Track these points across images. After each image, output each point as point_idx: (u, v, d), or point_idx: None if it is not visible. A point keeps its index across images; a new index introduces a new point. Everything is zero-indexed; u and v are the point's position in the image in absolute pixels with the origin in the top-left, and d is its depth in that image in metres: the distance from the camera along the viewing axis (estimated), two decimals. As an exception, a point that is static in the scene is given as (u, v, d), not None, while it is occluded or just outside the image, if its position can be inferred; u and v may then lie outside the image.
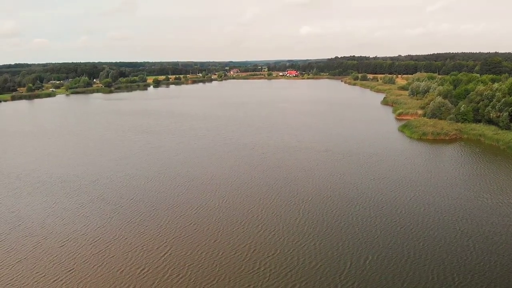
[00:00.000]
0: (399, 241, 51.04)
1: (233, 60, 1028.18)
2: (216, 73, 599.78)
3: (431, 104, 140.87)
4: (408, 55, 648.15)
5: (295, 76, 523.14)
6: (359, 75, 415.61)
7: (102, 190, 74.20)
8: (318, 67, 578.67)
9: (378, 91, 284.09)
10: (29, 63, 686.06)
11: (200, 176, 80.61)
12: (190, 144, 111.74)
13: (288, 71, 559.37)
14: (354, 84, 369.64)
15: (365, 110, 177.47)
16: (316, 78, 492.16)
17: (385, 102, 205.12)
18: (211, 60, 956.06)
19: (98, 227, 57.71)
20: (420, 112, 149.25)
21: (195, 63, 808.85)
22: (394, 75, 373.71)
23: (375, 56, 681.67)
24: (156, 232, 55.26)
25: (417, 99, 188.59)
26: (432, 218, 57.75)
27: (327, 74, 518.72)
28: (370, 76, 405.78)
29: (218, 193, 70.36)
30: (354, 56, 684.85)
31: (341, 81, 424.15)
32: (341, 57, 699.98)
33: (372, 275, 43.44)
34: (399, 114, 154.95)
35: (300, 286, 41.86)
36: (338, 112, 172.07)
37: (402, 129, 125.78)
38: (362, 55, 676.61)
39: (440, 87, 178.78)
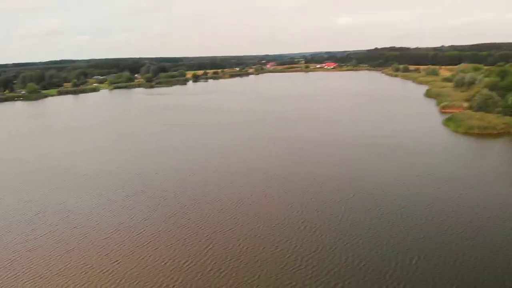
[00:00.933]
0: (447, 241, 48.99)
1: (269, 54, 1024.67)
2: (253, 67, 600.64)
3: (477, 97, 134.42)
4: (452, 45, 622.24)
5: (333, 68, 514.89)
6: (400, 66, 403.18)
7: (146, 183, 75.99)
8: (357, 58, 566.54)
9: (421, 83, 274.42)
10: (73, 59, 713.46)
11: (239, 170, 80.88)
12: (229, 138, 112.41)
13: (327, 63, 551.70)
14: (395, 76, 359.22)
15: (407, 103, 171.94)
16: (355, 70, 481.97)
17: (428, 95, 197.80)
18: (248, 54, 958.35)
19: (143, 219, 59.10)
20: (465, 105, 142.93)
21: (232, 58, 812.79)
22: (437, 67, 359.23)
23: (417, 47, 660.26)
24: (198, 226, 55.91)
25: (462, 91, 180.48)
26: (483, 218, 55.04)
27: (367, 65, 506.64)
28: (412, 67, 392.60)
29: (257, 188, 70.27)
30: (394, 47, 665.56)
31: (382, 72, 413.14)
32: (381, 48, 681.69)
33: (419, 276, 41.98)
34: (444, 107, 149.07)
35: (343, 285, 41.09)
36: (379, 105, 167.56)
37: (446, 122, 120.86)
38: (403, 46, 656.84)
39: (487, 79, 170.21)
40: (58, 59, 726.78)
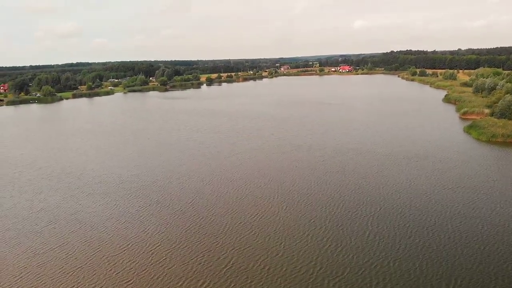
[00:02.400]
0: (484, 262, 45.06)
1: (283, 57, 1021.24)
2: (267, 70, 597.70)
3: (499, 103, 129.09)
4: (469, 48, 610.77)
5: (348, 71, 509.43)
6: (417, 70, 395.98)
7: (161, 192, 73.37)
8: (373, 62, 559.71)
9: (439, 87, 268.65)
10: (89, 62, 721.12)
11: (255, 180, 77.72)
12: (244, 145, 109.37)
13: (341, 67, 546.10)
14: (412, 80, 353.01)
15: (426, 108, 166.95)
16: (371, 74, 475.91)
17: (447, 100, 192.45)
18: (262, 57, 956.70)
19: (157, 233, 56.34)
20: (486, 111, 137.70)
21: (246, 61, 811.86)
22: (455, 71, 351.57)
23: (434, 50, 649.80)
24: (215, 241, 52.85)
25: (483, 97, 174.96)
26: (522, 236, 50.91)
27: (383, 69, 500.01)
28: (429, 71, 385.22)
29: (275, 199, 67.06)
30: (410, 50, 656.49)
31: (398, 76, 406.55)
32: (396, 51, 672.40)
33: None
34: (464, 113, 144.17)
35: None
36: (397, 110, 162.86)
37: (468, 130, 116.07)
38: (419, 49, 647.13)
39: (509, 84, 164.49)
40: (74, 61, 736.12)
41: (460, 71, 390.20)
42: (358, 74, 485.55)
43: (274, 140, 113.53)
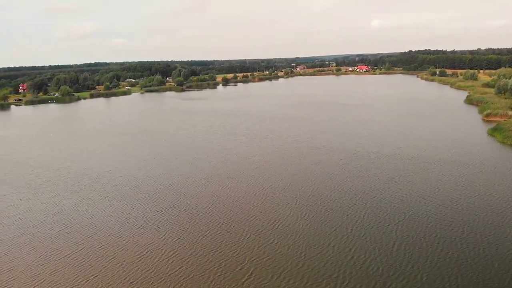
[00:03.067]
0: (523, 279, 42.05)
1: (300, 56, 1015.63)
2: (283, 70, 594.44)
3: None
4: (489, 48, 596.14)
5: (366, 71, 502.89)
6: (437, 70, 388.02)
7: (177, 195, 71.79)
8: (391, 61, 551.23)
9: (459, 88, 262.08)
10: (108, 62, 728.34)
11: (273, 184, 75.49)
12: (261, 147, 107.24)
13: (359, 66, 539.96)
14: (432, 80, 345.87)
15: (447, 110, 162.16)
16: (389, 74, 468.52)
17: (468, 101, 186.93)
18: (278, 57, 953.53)
19: (174, 239, 54.68)
20: (510, 113, 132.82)
21: (262, 61, 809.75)
22: (476, 71, 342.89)
23: (453, 50, 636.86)
24: (234, 250, 50.85)
25: (506, 98, 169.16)
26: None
27: (401, 69, 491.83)
28: (449, 71, 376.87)
29: (295, 205, 64.74)
30: (429, 49, 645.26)
31: (417, 76, 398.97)
32: (415, 50, 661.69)
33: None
34: (487, 115, 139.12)
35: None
36: (418, 112, 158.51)
37: (492, 132, 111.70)
38: (438, 49, 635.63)
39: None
40: (93, 61, 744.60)
41: (481, 71, 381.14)
42: (376, 74, 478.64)
43: (292, 142, 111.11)
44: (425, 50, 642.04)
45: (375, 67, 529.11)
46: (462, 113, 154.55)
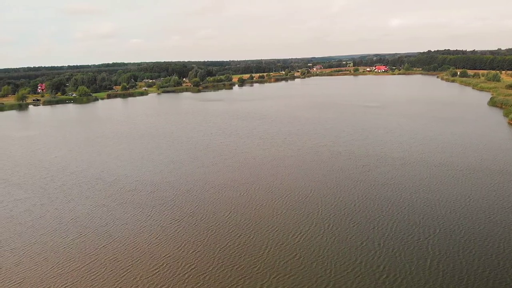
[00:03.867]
0: None
1: (316, 56, 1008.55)
2: (299, 70, 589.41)
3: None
4: (510, 48, 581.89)
5: (384, 71, 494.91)
6: (458, 70, 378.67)
7: (195, 203, 69.15)
8: (409, 61, 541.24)
9: (482, 89, 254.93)
10: (125, 62, 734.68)
11: (294, 192, 72.22)
12: (280, 151, 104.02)
13: (377, 66, 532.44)
14: (453, 81, 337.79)
15: (471, 113, 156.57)
16: (408, 74, 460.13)
17: (492, 103, 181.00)
18: (294, 57, 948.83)
19: (192, 251, 51.97)
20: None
21: (278, 61, 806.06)
22: (498, 71, 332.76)
23: (473, 50, 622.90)
24: (254, 265, 47.85)
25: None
26: None
27: (420, 69, 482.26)
28: (470, 72, 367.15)
29: (318, 216, 61.37)
30: (449, 49, 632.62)
31: (437, 77, 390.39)
32: (434, 50, 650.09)
33: None
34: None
35: None
36: (440, 115, 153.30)
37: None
38: (458, 49, 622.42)
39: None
40: (111, 61, 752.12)
41: (503, 72, 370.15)
42: (394, 74, 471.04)
43: (311, 146, 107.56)
44: (445, 50, 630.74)
45: (394, 68, 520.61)
46: (487, 116, 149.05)
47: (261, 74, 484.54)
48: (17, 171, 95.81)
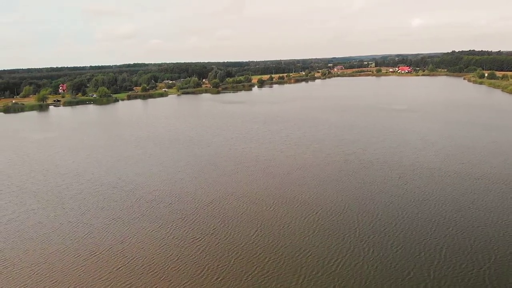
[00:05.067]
0: None
1: (336, 56, 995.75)
2: (319, 70, 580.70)
3: None
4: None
5: (407, 72, 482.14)
6: (485, 72, 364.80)
7: (217, 217, 63.83)
8: (434, 62, 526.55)
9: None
10: (146, 62, 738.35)
11: (322, 207, 66.20)
12: (305, 159, 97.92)
13: (400, 67, 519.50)
14: (480, 83, 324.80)
15: (505, 118, 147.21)
16: (433, 75, 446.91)
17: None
18: (313, 57, 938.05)
19: (216, 278, 46.54)
20: None
21: (297, 61, 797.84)
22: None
23: (499, 50, 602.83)
24: (284, 284, 42.25)
25: None
26: None
27: (445, 70, 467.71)
28: (498, 73, 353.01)
29: (355, 238, 55.24)
30: (473, 50, 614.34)
31: (463, 79, 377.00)
32: (458, 51, 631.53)
33: None
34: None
35: None
36: (473, 120, 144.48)
37: None
38: (483, 49, 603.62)
39: None
40: (131, 62, 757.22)
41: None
42: (419, 75, 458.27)
43: (339, 154, 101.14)
44: (469, 50, 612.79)
45: (418, 68, 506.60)
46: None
47: (280, 75, 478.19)
48: (32, 177, 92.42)
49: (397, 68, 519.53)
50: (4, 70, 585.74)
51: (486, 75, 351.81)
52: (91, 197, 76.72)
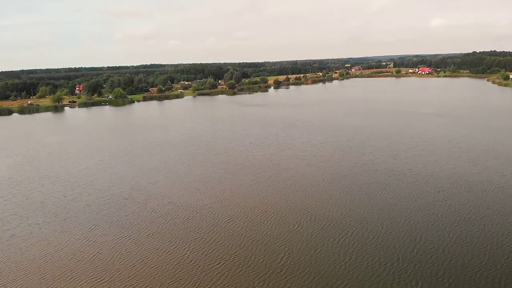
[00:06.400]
0: None
1: (353, 57, 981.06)
2: (337, 71, 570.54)
3: None
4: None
5: (428, 73, 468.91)
6: (510, 73, 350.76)
7: (239, 238, 57.40)
8: (455, 63, 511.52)
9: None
10: (163, 63, 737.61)
11: (357, 227, 59.28)
12: (328, 168, 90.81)
13: (420, 68, 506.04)
14: (505, 85, 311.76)
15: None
16: (455, 77, 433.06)
17: None
18: (330, 58, 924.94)
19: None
20: None
21: (314, 61, 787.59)
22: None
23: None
24: None
25: None
26: None
27: (468, 71, 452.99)
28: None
29: (397, 266, 48.24)
30: (495, 51, 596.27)
31: (487, 80, 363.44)
32: (479, 52, 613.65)
33: None
34: None
35: None
36: (510, 125, 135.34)
37: None
38: (504, 50, 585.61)
39: None
40: (149, 63, 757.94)
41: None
42: (440, 76, 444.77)
43: (367, 163, 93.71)
44: (491, 51, 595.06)
45: (439, 69, 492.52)
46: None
47: (297, 76, 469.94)
48: (41, 185, 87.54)
49: (417, 69, 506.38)
50: (23, 70, 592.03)
51: (511, 76, 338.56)
52: (101, 210, 71.15)
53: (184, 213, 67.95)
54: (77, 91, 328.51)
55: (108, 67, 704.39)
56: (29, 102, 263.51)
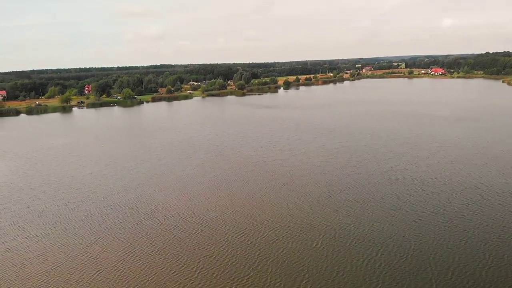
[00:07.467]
0: None
1: (363, 57, 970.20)
2: (348, 71, 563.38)
3: None
4: None
5: (441, 74, 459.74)
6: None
7: (253, 255, 52.54)
8: (468, 64, 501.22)
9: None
10: (172, 64, 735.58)
11: (382, 245, 53.95)
12: (346, 177, 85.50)
13: (433, 69, 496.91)
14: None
15: None
16: (468, 78, 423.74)
17: None
18: (340, 58, 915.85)
19: None
20: None
21: (324, 62, 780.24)
22: None
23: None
24: None
25: None
26: None
27: (482, 72, 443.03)
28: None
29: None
30: (508, 51, 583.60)
31: (502, 82, 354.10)
32: (492, 52, 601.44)
33: None
34: None
35: None
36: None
37: None
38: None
39: None
40: (159, 63, 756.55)
41: None
42: (453, 77, 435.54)
43: (387, 172, 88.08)
44: (504, 52, 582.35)
45: (452, 70, 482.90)
46: None
47: (307, 76, 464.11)
48: (42, 191, 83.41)
49: (429, 70, 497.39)
50: (33, 70, 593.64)
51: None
52: (103, 221, 66.63)
53: (192, 226, 63.16)
54: (86, 92, 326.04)
55: (118, 67, 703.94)
56: (37, 102, 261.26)
